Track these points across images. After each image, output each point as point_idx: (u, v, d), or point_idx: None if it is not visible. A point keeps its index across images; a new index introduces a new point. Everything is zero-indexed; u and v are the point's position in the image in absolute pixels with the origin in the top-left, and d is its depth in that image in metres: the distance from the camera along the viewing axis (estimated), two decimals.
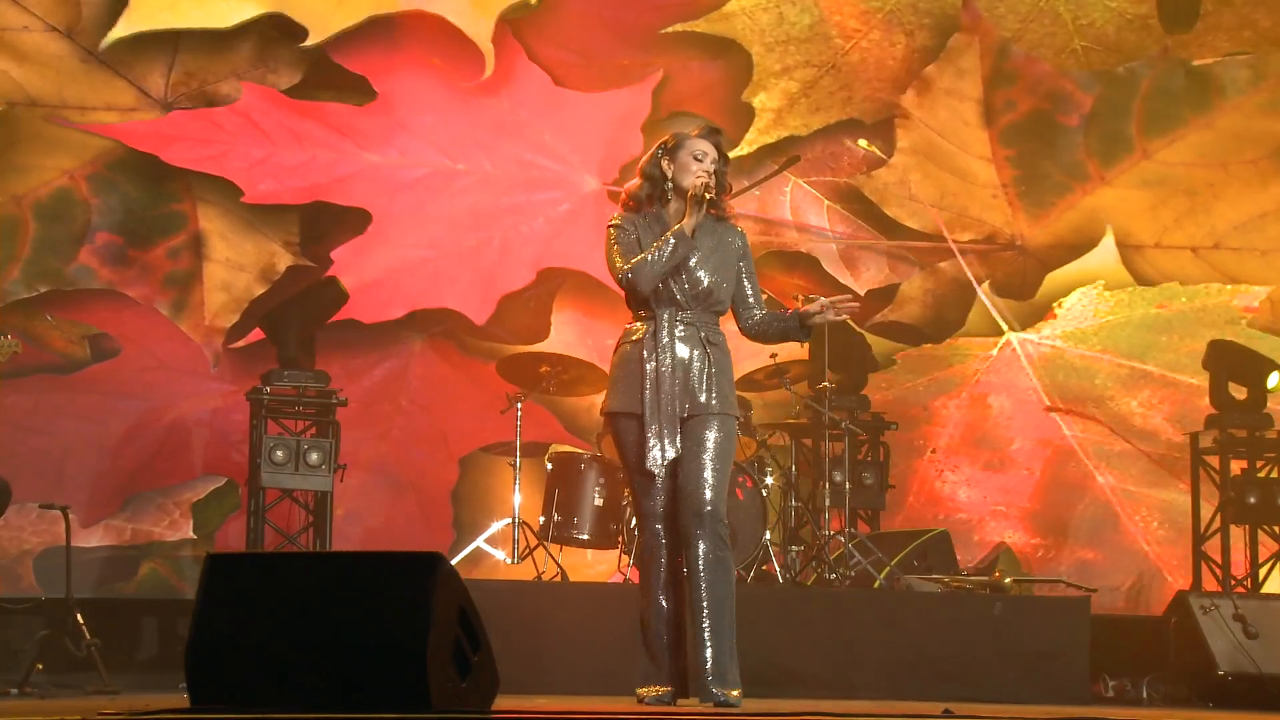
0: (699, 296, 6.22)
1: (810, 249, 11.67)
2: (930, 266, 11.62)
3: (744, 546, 8.60)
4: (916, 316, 11.59)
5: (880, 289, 11.64)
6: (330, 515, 9.57)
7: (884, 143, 11.59)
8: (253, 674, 5.00)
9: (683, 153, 6.28)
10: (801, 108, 11.56)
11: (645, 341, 6.21)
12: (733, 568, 6.23)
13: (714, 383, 6.19)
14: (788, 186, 11.56)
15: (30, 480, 9.66)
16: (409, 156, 10.87)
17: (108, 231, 10.45)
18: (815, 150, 11.60)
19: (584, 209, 11.07)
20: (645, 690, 6.26)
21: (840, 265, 11.65)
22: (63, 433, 10.33)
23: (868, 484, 10.01)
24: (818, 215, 11.64)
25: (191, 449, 10.45)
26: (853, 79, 11.65)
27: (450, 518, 10.74)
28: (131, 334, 10.47)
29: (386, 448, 10.84)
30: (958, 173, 11.66)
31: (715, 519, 6.10)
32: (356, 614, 4.97)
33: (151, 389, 10.44)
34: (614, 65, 11.40)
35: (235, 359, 10.44)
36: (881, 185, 11.63)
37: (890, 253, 11.58)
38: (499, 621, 7.54)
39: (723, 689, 6.11)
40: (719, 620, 6.12)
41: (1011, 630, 8.46)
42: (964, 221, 11.66)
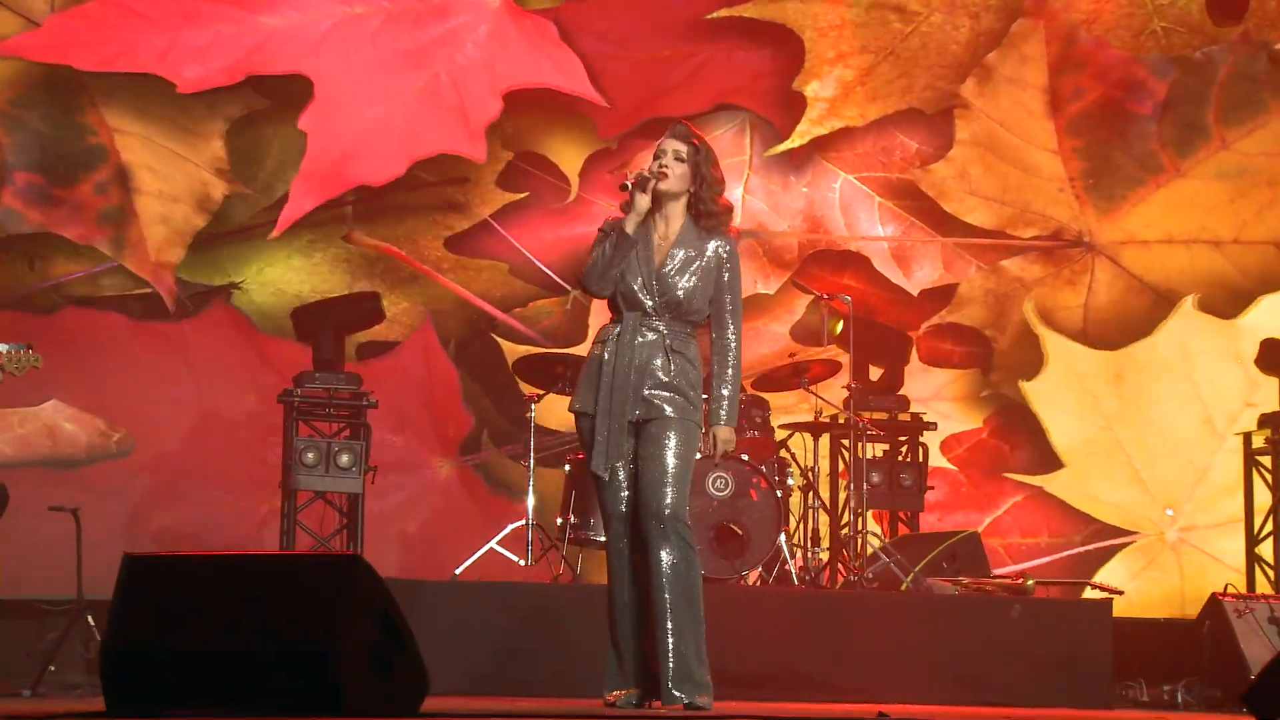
0: (668, 305, 6.30)
1: (860, 247, 11.58)
2: (991, 265, 11.32)
3: (758, 548, 8.82)
4: (977, 318, 11.36)
5: (936, 288, 11.56)
6: (362, 517, 9.81)
7: (942, 135, 11.34)
8: (168, 677, 5.11)
9: (651, 158, 6.41)
10: (857, 96, 11.50)
11: (609, 344, 6.34)
12: (697, 568, 6.32)
13: (673, 388, 6.27)
14: (837, 182, 11.39)
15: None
16: (306, 12, 10.85)
17: (25, 170, 10.57)
18: (866, 144, 11.46)
19: (501, 26, 11.06)
20: (612, 693, 6.38)
21: (892, 264, 11.60)
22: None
23: (906, 485, 10.11)
24: (868, 212, 11.50)
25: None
26: (912, 65, 11.60)
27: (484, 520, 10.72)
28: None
29: (421, 449, 11.01)
30: (1021, 165, 11.58)
31: (675, 520, 6.20)
32: (270, 616, 5.08)
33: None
34: (653, 56, 11.25)
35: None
36: (939, 179, 11.57)
37: (946, 251, 11.29)
38: (511, 623, 8.04)
39: (685, 692, 6.19)
40: (681, 622, 6.21)
41: (1031, 633, 8.54)
42: (1027, 217, 11.56)
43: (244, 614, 5.11)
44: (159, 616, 5.20)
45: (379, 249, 11.13)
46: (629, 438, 6.26)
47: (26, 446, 10.55)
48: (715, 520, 8.85)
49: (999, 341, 11.57)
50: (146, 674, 5.12)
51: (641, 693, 6.34)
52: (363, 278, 11.05)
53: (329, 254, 11.07)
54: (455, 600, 8.28)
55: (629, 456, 6.27)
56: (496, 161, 11.22)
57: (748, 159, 11.51)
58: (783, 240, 11.52)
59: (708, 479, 8.89)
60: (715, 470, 8.85)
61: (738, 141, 11.53)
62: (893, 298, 11.55)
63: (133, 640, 5.19)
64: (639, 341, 6.27)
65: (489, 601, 8.30)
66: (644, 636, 6.31)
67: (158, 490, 10.69)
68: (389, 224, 11.18)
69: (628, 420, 6.25)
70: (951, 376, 11.58)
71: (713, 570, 8.72)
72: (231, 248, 10.99)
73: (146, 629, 5.19)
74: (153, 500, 10.67)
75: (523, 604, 8.25)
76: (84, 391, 10.62)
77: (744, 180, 11.47)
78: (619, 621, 6.35)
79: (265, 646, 5.03)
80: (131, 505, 10.63)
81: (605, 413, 6.24)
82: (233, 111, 11.01)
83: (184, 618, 5.17)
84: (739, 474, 8.93)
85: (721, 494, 8.90)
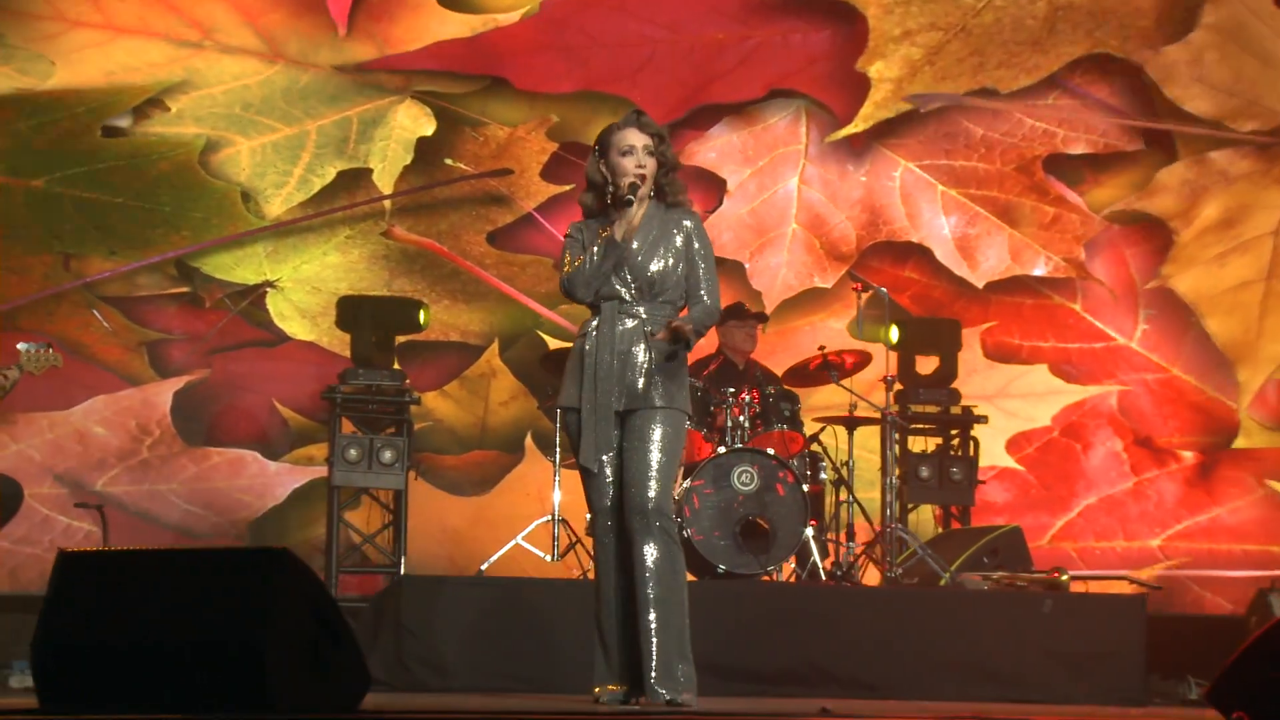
0: (644, 290, 6.38)
1: (922, 239, 11.49)
2: (1198, 156, 11.30)
3: (784, 543, 8.88)
4: (1167, 209, 11.40)
5: (1002, 280, 11.40)
6: (405, 514, 10.03)
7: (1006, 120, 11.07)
8: (99, 673, 5.19)
9: (612, 152, 6.41)
10: (925, 76, 11.47)
11: (589, 336, 6.43)
12: (681, 563, 6.40)
13: (656, 376, 6.33)
14: (897, 171, 11.27)
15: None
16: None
17: None
18: (927, 130, 11.30)
19: None
20: (600, 689, 6.46)
21: (956, 256, 11.53)
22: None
23: (956, 479, 10.15)
24: (930, 202, 11.37)
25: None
26: (985, 43, 11.49)
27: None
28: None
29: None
30: (1261, 56, 11.49)
31: (659, 514, 6.27)
32: (199, 612, 5.16)
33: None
34: (704, 39, 11.21)
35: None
36: (1169, 63, 11.49)
37: (1013, 241, 11.16)
38: (536, 619, 8.14)
39: (667, 689, 6.26)
40: (665, 617, 6.27)
41: (1063, 629, 8.53)
42: (1253, 110, 11.48)
43: (173, 609, 5.18)
44: (91, 612, 5.30)
45: (420, 244, 11.20)
46: (615, 429, 6.33)
47: (57, 451, 10.63)
48: (741, 515, 8.90)
49: (1182, 234, 11.44)
50: (78, 670, 5.21)
51: (628, 689, 6.41)
52: (402, 275, 11.13)
53: (367, 250, 11.16)
54: (477, 596, 8.40)
55: (615, 449, 6.34)
56: (540, 153, 11.25)
57: (803, 148, 11.44)
58: (840, 232, 11.37)
59: (733, 473, 8.95)
60: (741, 464, 8.92)
61: (793, 130, 11.51)
62: (957, 291, 11.47)
63: (65, 636, 5.29)
64: (619, 330, 6.34)
65: (511, 597, 8.42)
66: (629, 632, 6.37)
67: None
68: (430, 219, 11.24)
69: (613, 411, 6.32)
70: (1019, 372, 11.44)
71: (738, 565, 8.82)
72: (268, 245, 10.97)
73: (79, 625, 5.29)
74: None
75: (543, 600, 8.34)
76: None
77: (799, 170, 11.41)
78: (605, 617, 6.44)
79: (193, 641, 5.10)
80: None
81: (590, 404, 6.32)
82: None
83: (115, 613, 5.26)
84: (765, 468, 8.96)
85: (747, 488, 8.94)
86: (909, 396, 10.45)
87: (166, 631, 5.13)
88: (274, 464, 10.94)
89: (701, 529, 8.86)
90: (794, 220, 11.44)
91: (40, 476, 10.59)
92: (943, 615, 8.56)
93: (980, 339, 11.35)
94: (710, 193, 11.43)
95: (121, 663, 5.16)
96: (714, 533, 8.87)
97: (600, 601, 6.44)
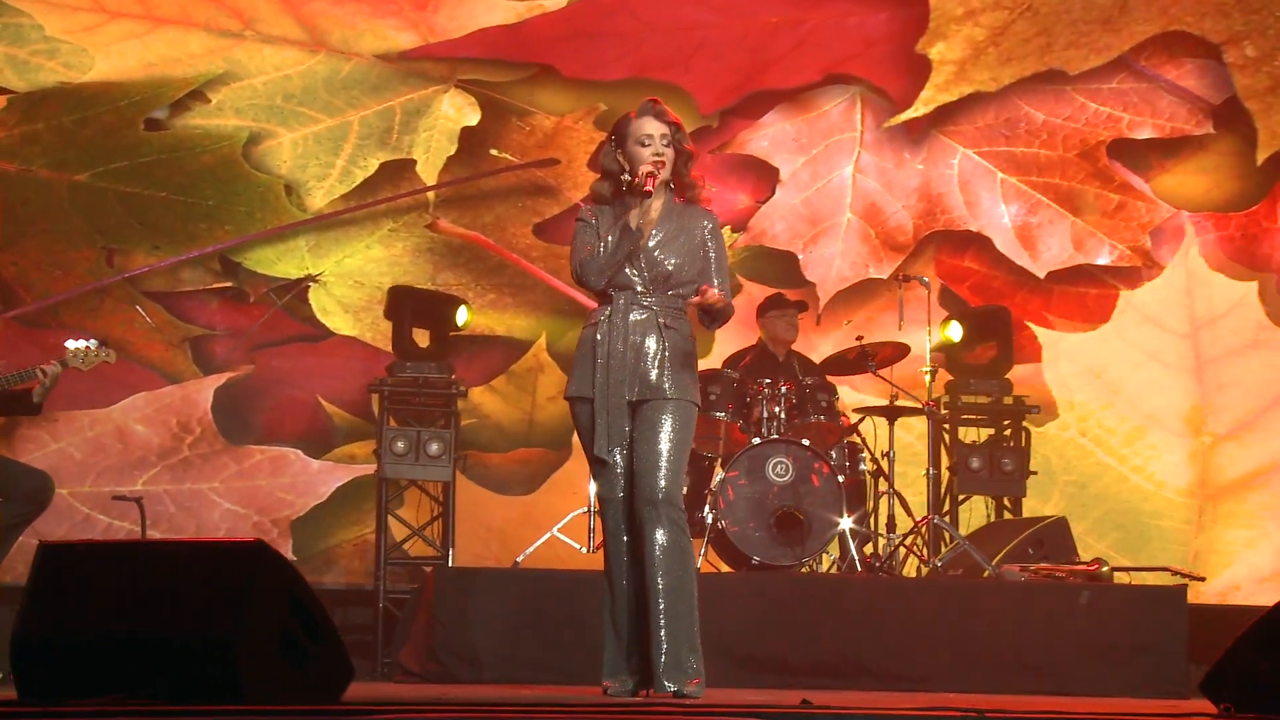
0: (658, 281, 6.47)
1: (981, 228, 11.41)
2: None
3: (819, 535, 8.96)
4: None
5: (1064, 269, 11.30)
6: (453, 506, 10.18)
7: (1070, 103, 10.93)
8: (77, 664, 5.30)
9: (630, 141, 6.50)
10: (989, 58, 11.37)
11: (600, 325, 6.51)
12: (690, 554, 6.47)
13: (668, 367, 6.43)
14: (955, 159, 11.13)
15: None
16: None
17: None
18: (987, 116, 11.19)
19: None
20: (610, 681, 6.53)
21: (1016, 245, 11.42)
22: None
23: (1007, 470, 10.15)
24: (990, 190, 11.30)
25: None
26: (1053, 22, 11.41)
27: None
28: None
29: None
30: None
31: (669, 505, 6.36)
32: (174, 604, 5.27)
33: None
34: (757, 24, 11.15)
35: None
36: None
37: (1076, 229, 11.05)
38: (569, 611, 8.22)
39: (676, 680, 6.32)
40: (674, 608, 6.35)
41: (1101, 621, 8.54)
42: None
43: (150, 601, 5.29)
44: (69, 604, 5.41)
45: (465, 237, 11.20)
46: (627, 419, 6.43)
47: (97, 449, 10.69)
48: (775, 506, 8.97)
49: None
50: (56, 661, 5.32)
51: (638, 680, 6.48)
52: (446, 268, 11.15)
53: (410, 244, 11.19)
54: (509, 588, 8.53)
55: (627, 439, 6.44)
56: (588, 142, 11.25)
57: (859, 135, 11.35)
58: (896, 221, 11.29)
59: (768, 464, 9.01)
60: (776, 456, 8.99)
61: (848, 116, 11.44)
62: (1017, 281, 11.36)
63: (43, 628, 5.39)
64: (631, 320, 6.43)
65: (543, 589, 8.53)
66: (638, 624, 6.46)
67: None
68: (475, 211, 11.25)
69: (626, 401, 6.41)
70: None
71: (773, 557, 8.90)
72: (310, 239, 10.99)
73: (57, 617, 5.40)
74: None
75: (576, 592, 8.35)
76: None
77: (854, 158, 11.33)
78: (616, 608, 6.52)
79: (169, 633, 5.20)
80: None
81: (603, 395, 6.42)
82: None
83: (93, 605, 5.37)
84: (800, 459, 9.02)
85: (782, 479, 9.00)
86: (960, 387, 10.44)
87: (141, 623, 5.24)
88: (316, 462, 11.00)
89: (736, 520, 8.93)
90: (849, 209, 11.38)
91: (81, 475, 10.71)
92: (980, 607, 8.58)
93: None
94: (763, 182, 11.39)
95: (97, 655, 5.26)
96: (748, 524, 8.94)
97: (611, 593, 6.52)
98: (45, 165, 10.92)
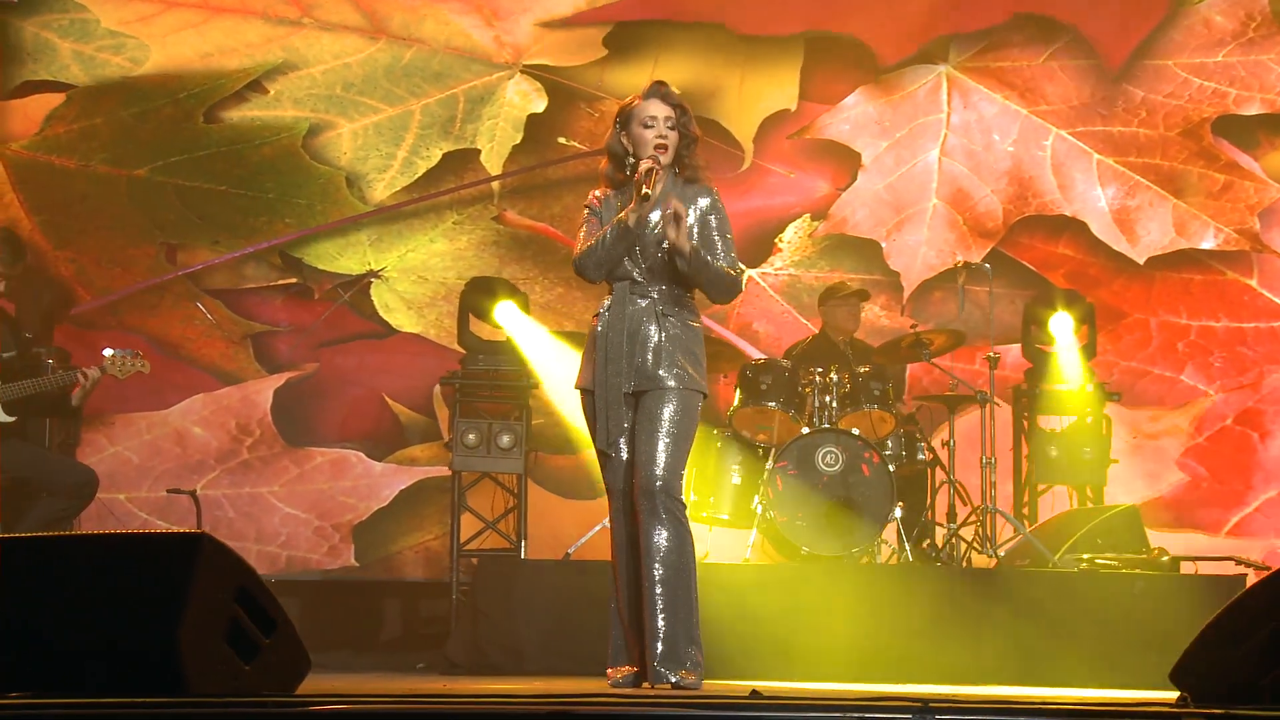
0: (656, 269, 6.49)
1: (1076, 213, 11.21)
2: None
3: (870, 525, 8.99)
4: None
5: (1166, 255, 11.10)
6: (526, 498, 10.26)
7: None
8: (13, 659, 5.30)
9: (634, 124, 6.53)
10: None
11: (603, 317, 6.57)
12: (689, 545, 6.51)
13: (667, 356, 6.45)
14: (1048, 140, 10.91)
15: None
16: None
17: None
18: (1082, 94, 10.96)
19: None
20: (613, 671, 6.61)
21: (1114, 230, 11.18)
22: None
23: (1087, 458, 10.06)
24: (1085, 172, 11.10)
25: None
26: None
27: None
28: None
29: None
30: None
31: (666, 495, 6.41)
32: (116, 597, 5.26)
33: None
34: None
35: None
36: None
37: (1178, 212, 10.79)
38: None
39: (672, 670, 6.36)
40: (670, 598, 6.40)
41: (1155, 611, 8.42)
42: None
43: (89, 594, 5.29)
44: (13, 598, 5.39)
45: (532, 229, 11.09)
46: (628, 410, 6.47)
47: (155, 453, 10.71)
48: (824, 496, 9.01)
49: None
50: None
51: (639, 671, 6.53)
52: (513, 261, 11.14)
53: (475, 237, 11.20)
54: (554, 579, 8.59)
55: (629, 431, 6.49)
56: None
57: (945, 117, 11.21)
58: (985, 207, 11.05)
59: (817, 454, 9.05)
60: (826, 445, 9.04)
61: (934, 97, 11.30)
62: (1116, 268, 11.13)
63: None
64: (630, 310, 6.46)
65: (588, 580, 8.47)
66: (639, 614, 6.51)
67: None
68: (542, 201, 11.19)
69: (624, 392, 6.45)
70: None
71: (823, 548, 8.93)
72: (372, 233, 10.91)
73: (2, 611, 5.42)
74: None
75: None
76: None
77: (941, 141, 11.22)
78: (620, 599, 6.59)
79: (108, 626, 5.20)
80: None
81: (603, 387, 6.47)
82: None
83: (33, 599, 5.36)
84: (850, 449, 9.07)
85: (832, 469, 9.03)
86: (1039, 374, 10.29)
87: (82, 616, 5.24)
88: (379, 465, 11.00)
89: (785, 511, 8.98)
90: (935, 195, 11.22)
91: (138, 479, 10.80)
92: (1032, 596, 8.52)
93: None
94: (843, 167, 11.26)
95: (37, 648, 5.26)
96: (797, 514, 8.98)
97: (616, 584, 6.60)
98: (104, 161, 11.06)
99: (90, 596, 5.24)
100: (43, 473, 9.01)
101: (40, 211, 10.94)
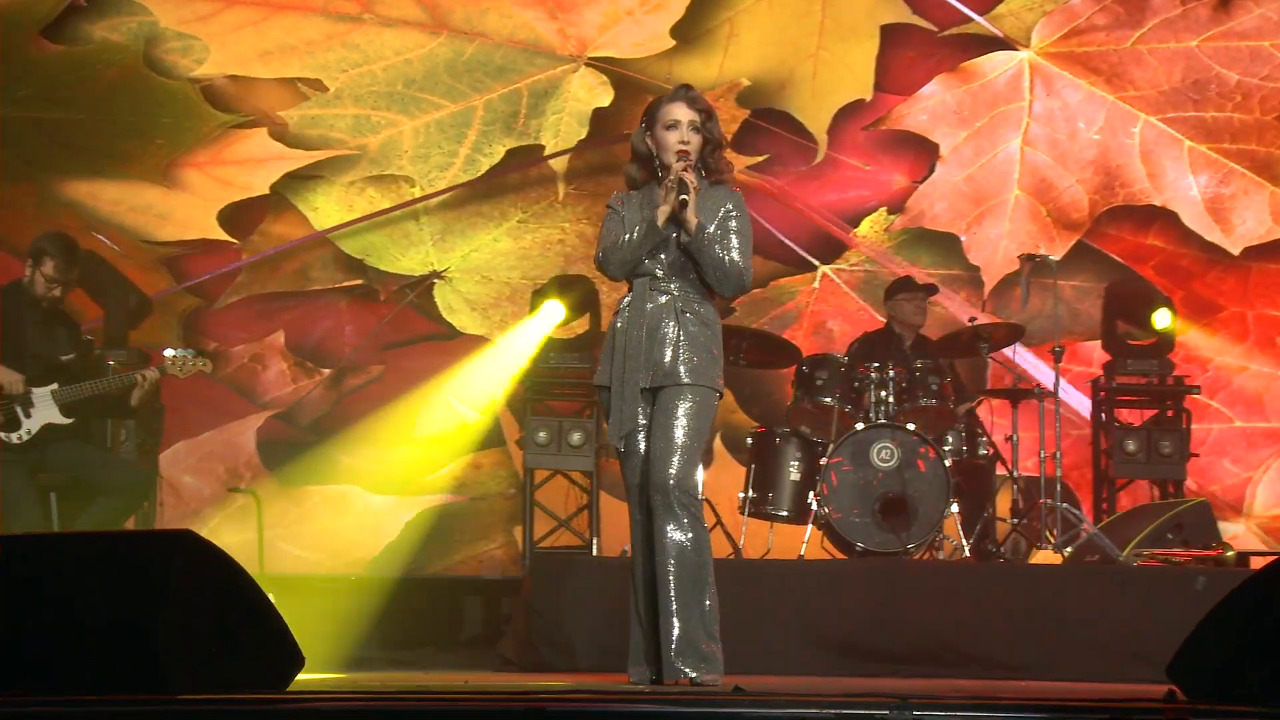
0: (676, 266, 6.51)
1: (1166, 202, 10.99)
2: None
3: (925, 520, 8.98)
4: None
5: (1262, 245, 10.90)
6: (597, 496, 10.32)
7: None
8: (6, 657, 5.37)
9: (658, 125, 6.57)
10: None
11: (623, 313, 6.61)
12: (705, 542, 6.52)
13: (684, 353, 6.47)
14: (1136, 126, 10.70)
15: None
16: None
17: None
18: (1172, 78, 10.78)
19: None
20: (633, 670, 6.62)
21: (1207, 220, 10.97)
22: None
23: (1165, 452, 10.00)
24: (1176, 160, 10.89)
25: None
26: None
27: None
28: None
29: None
30: None
31: (680, 491, 6.43)
32: (101, 595, 5.32)
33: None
34: None
35: None
36: None
37: (1275, 200, 10.69)
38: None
39: (686, 666, 6.35)
40: (684, 595, 6.41)
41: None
42: None
43: (73, 592, 5.36)
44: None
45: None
46: (645, 406, 6.49)
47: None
48: (880, 492, 9.03)
49: None
50: None
51: (657, 668, 6.50)
52: (579, 260, 10.93)
53: (540, 236, 11.16)
54: (605, 577, 8.48)
55: (646, 427, 6.50)
56: (730, 121, 11.19)
57: (1027, 105, 11.05)
58: (1070, 197, 10.89)
59: (872, 450, 9.07)
60: (881, 441, 9.04)
61: (1015, 85, 11.14)
62: (1208, 259, 10.96)
63: None
64: (650, 306, 6.48)
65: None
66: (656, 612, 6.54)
67: None
68: (608, 198, 10.85)
69: (640, 388, 6.47)
70: None
71: (878, 544, 8.98)
72: (435, 232, 10.87)
73: None
74: None
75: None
76: None
77: (1023, 130, 11.09)
78: (638, 597, 6.59)
79: (91, 624, 5.25)
80: None
81: (619, 382, 6.51)
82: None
83: (17, 597, 5.41)
84: (905, 444, 9.07)
85: (887, 465, 9.04)
86: (1117, 367, 10.19)
87: (66, 613, 5.29)
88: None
89: (840, 507, 9.04)
90: (1016, 186, 11.06)
91: None
92: (1090, 593, 8.40)
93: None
94: (921, 159, 11.14)
95: (20, 646, 5.29)
96: (852, 510, 9.04)
97: (634, 582, 6.59)
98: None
99: (73, 595, 5.28)
100: (99, 473, 9.01)
101: None
